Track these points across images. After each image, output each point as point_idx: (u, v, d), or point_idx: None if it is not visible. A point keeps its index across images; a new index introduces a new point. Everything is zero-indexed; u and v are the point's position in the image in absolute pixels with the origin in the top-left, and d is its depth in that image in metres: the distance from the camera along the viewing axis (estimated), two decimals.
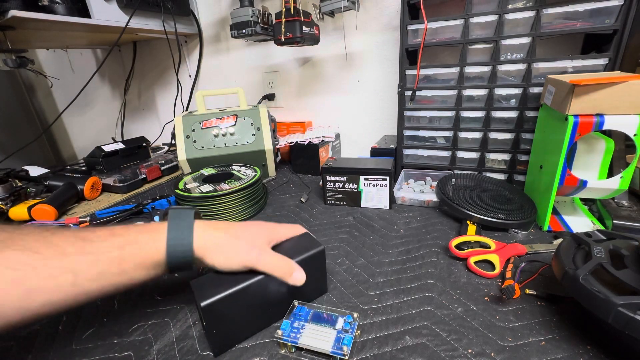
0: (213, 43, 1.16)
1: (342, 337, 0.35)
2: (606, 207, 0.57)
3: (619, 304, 0.29)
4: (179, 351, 0.37)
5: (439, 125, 0.76)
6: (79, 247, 0.33)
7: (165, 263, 0.36)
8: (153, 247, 0.35)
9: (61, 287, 0.30)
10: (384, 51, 0.90)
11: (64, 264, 0.31)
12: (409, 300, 0.42)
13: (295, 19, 0.76)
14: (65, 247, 0.32)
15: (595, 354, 0.33)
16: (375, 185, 0.67)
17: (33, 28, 0.82)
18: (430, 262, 0.50)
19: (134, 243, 0.35)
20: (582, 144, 0.54)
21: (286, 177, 0.91)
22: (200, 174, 0.75)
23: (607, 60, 0.58)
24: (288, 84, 1.09)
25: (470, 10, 0.64)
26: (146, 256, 0.35)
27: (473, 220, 0.57)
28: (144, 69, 1.36)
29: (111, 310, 0.44)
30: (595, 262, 0.34)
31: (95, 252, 0.33)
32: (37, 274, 0.29)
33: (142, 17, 0.95)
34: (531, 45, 0.62)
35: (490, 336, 0.36)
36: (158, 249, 0.35)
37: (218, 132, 0.84)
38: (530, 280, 0.44)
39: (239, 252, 0.38)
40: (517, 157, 0.70)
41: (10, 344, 0.39)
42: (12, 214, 0.70)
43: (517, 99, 0.67)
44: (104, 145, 0.94)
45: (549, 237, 0.54)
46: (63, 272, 0.31)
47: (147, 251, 0.35)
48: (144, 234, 0.36)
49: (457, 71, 0.69)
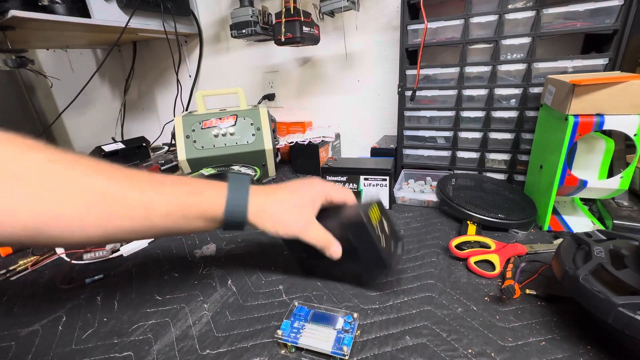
0: (213, 43, 1.16)
1: (342, 337, 0.35)
2: (606, 207, 0.57)
3: (619, 304, 0.29)
4: (179, 351, 0.37)
5: (439, 125, 0.76)
6: (155, 187, 0.37)
7: (222, 220, 0.39)
8: (214, 202, 0.39)
9: (135, 218, 0.35)
10: (384, 51, 0.90)
11: (141, 198, 0.35)
12: (409, 300, 0.42)
13: (295, 19, 0.76)
14: (143, 185, 0.36)
15: (595, 354, 0.33)
16: (375, 185, 0.67)
17: (33, 28, 0.82)
18: (430, 262, 0.50)
19: (200, 194, 0.39)
20: (582, 144, 0.54)
21: (286, 177, 0.91)
22: (200, 174, 0.75)
23: (607, 60, 0.58)
24: (288, 84, 1.09)
25: (470, 10, 0.64)
26: (208, 208, 0.39)
27: (473, 220, 0.57)
28: (144, 69, 1.36)
29: (111, 310, 0.44)
30: (596, 262, 0.34)
31: (167, 194, 0.37)
32: (117, 202, 0.34)
33: (142, 17, 0.95)
34: (531, 45, 0.62)
35: (490, 336, 0.36)
36: (219, 204, 0.39)
37: (218, 132, 0.84)
38: (530, 280, 0.44)
39: (287, 222, 0.41)
40: (517, 157, 0.70)
41: (10, 344, 0.39)
42: None
43: (517, 99, 0.67)
44: (104, 145, 0.94)
45: (549, 237, 0.54)
46: (138, 206, 0.35)
47: (209, 204, 0.39)
48: (209, 189, 0.40)
49: (457, 71, 0.69)
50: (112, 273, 0.52)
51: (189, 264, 0.54)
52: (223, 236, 0.61)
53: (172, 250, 0.58)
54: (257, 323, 0.40)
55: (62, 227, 0.31)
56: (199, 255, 0.56)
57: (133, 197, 0.35)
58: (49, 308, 0.45)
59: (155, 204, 0.36)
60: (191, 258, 0.55)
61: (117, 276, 0.52)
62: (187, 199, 0.38)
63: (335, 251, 0.42)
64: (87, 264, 0.55)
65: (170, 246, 0.59)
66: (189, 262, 0.54)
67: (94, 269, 0.53)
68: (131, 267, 0.54)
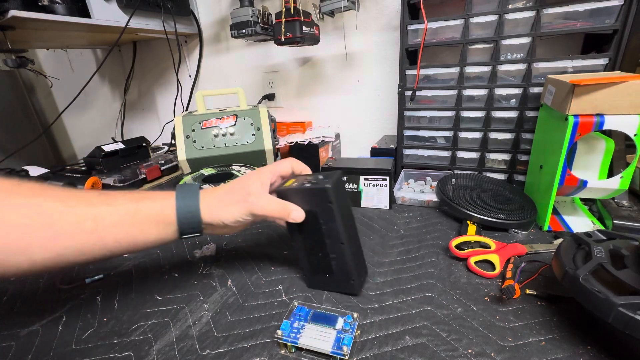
0: (213, 43, 1.16)
1: (342, 337, 0.35)
2: (606, 207, 0.57)
3: (619, 304, 0.29)
4: (179, 351, 0.37)
5: (439, 125, 0.76)
6: (102, 199, 0.37)
7: (176, 222, 0.39)
8: (165, 204, 0.39)
9: (83, 232, 0.34)
10: (384, 51, 0.90)
11: (88, 212, 0.35)
12: (409, 300, 0.42)
13: (295, 19, 0.76)
14: (90, 198, 0.36)
15: (595, 354, 0.33)
16: (375, 185, 0.67)
17: (33, 28, 0.82)
18: (430, 262, 0.50)
19: (149, 198, 0.39)
20: (582, 144, 0.54)
21: None
22: (200, 174, 0.75)
23: (607, 60, 0.58)
24: (288, 84, 1.09)
25: (470, 10, 0.64)
26: (159, 211, 0.38)
27: (473, 220, 0.57)
28: (144, 69, 1.36)
29: (111, 310, 0.44)
30: (596, 262, 0.34)
31: (115, 204, 0.37)
32: (63, 219, 0.33)
33: (142, 17, 0.95)
34: (531, 45, 0.62)
35: (490, 336, 0.36)
36: (170, 205, 0.39)
37: (218, 132, 0.84)
38: (530, 280, 0.44)
39: (239, 202, 0.41)
40: (517, 157, 0.69)
41: (10, 344, 0.39)
42: None
43: (517, 99, 0.67)
44: (104, 145, 0.94)
45: (549, 237, 0.54)
46: (86, 219, 0.34)
47: (160, 206, 0.39)
48: (158, 194, 0.40)
49: (457, 71, 0.69)
50: (112, 273, 0.52)
51: (189, 264, 0.54)
52: (223, 236, 0.61)
53: (172, 250, 0.58)
54: (257, 323, 0.40)
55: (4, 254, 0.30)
56: (199, 255, 0.56)
57: (79, 212, 0.34)
58: (49, 308, 0.45)
59: (103, 214, 0.35)
60: (191, 258, 0.55)
61: (117, 276, 0.52)
62: (136, 205, 0.37)
63: (297, 215, 0.41)
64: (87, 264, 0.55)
65: (171, 246, 0.59)
66: (189, 262, 0.54)
67: (94, 269, 0.53)
68: (131, 267, 0.54)
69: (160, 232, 0.38)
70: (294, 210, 0.41)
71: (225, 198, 0.42)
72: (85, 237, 0.34)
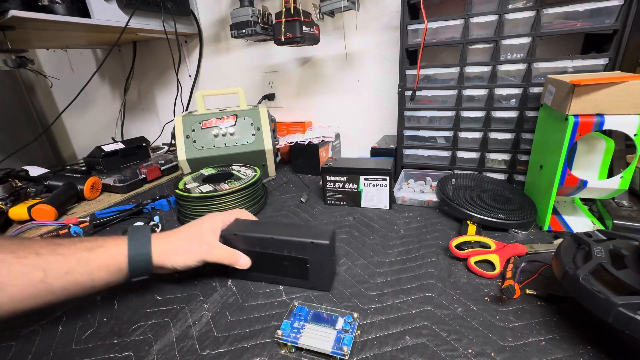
0: (213, 43, 1.16)
1: (342, 337, 0.35)
2: (606, 207, 0.57)
3: (619, 304, 0.29)
4: (179, 351, 0.37)
5: (439, 125, 0.76)
6: (51, 249, 0.37)
7: (127, 268, 0.40)
8: (116, 252, 0.40)
9: (31, 283, 0.34)
10: (384, 51, 0.90)
11: (36, 263, 0.35)
12: (409, 300, 0.42)
13: (295, 19, 0.76)
14: (39, 249, 0.36)
15: (595, 354, 0.33)
16: (375, 185, 0.67)
17: (33, 28, 0.82)
18: (430, 262, 0.50)
19: (101, 247, 0.40)
20: (582, 144, 0.54)
21: (286, 177, 0.91)
22: (200, 174, 0.75)
23: (607, 60, 0.58)
24: (288, 84, 1.09)
25: (470, 10, 0.64)
26: (110, 259, 0.40)
27: (473, 220, 0.57)
28: (144, 69, 1.36)
29: (111, 310, 0.44)
30: (596, 262, 0.34)
31: (65, 253, 0.37)
32: (10, 270, 0.34)
33: (142, 17, 0.95)
34: (531, 45, 0.62)
35: (490, 336, 0.36)
36: (121, 254, 0.40)
37: (218, 132, 0.84)
38: (530, 280, 0.44)
39: (192, 251, 0.44)
40: (517, 157, 0.69)
41: (10, 344, 0.39)
42: (12, 214, 0.70)
43: (517, 99, 0.67)
44: (104, 145, 0.94)
45: (549, 237, 0.54)
46: (34, 270, 0.35)
47: (111, 254, 0.40)
48: (109, 241, 0.41)
49: (457, 71, 0.69)
50: None
51: None
52: None
53: None
54: (257, 323, 0.40)
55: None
56: None
57: (27, 263, 0.35)
58: (49, 308, 0.45)
59: (52, 264, 0.36)
60: None
61: None
62: (88, 254, 0.39)
63: (243, 262, 0.46)
64: None
65: None
66: None
67: None
68: None
69: (112, 277, 0.40)
70: (242, 257, 0.46)
71: (178, 245, 0.44)
72: (34, 287, 0.35)
